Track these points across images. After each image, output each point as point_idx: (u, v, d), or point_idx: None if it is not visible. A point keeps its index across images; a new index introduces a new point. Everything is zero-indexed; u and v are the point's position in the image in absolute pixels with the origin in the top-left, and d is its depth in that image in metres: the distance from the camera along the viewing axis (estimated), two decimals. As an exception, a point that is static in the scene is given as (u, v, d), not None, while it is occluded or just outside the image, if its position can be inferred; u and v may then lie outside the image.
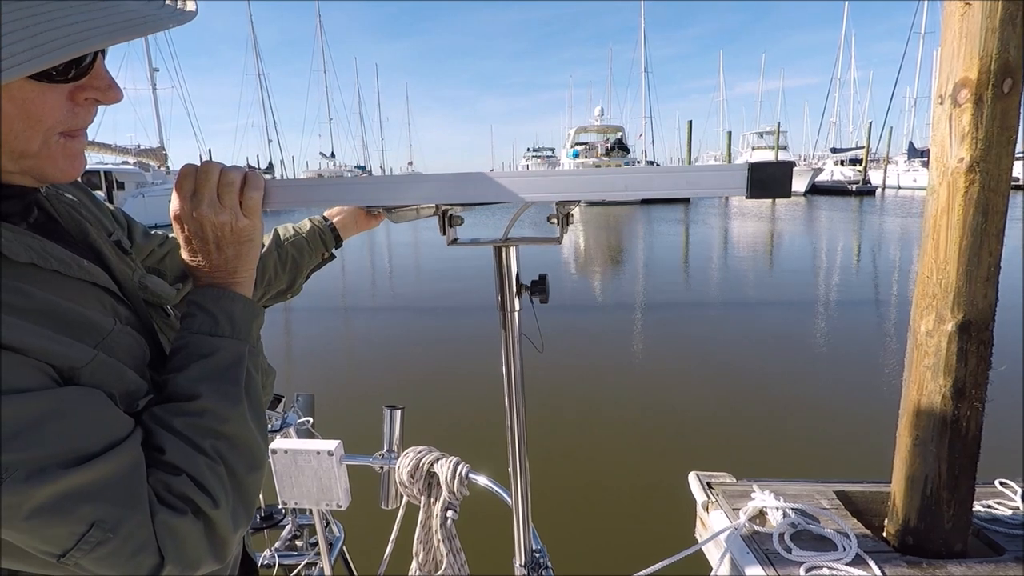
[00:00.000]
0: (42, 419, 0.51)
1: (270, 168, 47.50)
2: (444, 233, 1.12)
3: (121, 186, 23.76)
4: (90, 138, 0.77)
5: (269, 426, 1.79)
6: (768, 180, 0.71)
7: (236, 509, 0.63)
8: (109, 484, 0.53)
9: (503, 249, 1.15)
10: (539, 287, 1.20)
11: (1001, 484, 2.36)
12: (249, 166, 0.96)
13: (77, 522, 0.51)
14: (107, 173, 23.24)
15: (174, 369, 0.66)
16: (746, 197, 0.72)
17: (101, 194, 20.44)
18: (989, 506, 2.21)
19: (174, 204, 0.71)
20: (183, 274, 0.86)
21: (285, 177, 46.96)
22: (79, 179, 0.67)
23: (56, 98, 0.55)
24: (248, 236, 0.73)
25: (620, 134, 45.60)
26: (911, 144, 48.86)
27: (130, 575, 0.55)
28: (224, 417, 0.64)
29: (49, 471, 0.50)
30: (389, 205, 0.80)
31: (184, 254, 0.73)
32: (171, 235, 0.90)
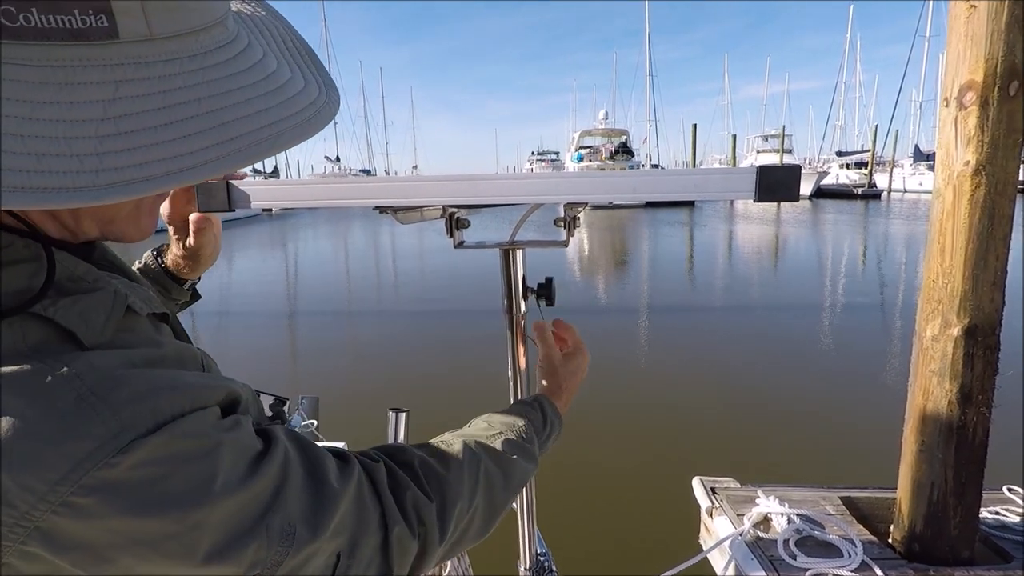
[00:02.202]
0: (288, 468, 0.50)
1: (275, 172, 47.70)
2: (451, 236, 1.11)
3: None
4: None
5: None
6: (776, 184, 0.70)
7: (444, 552, 0.65)
8: (347, 514, 0.54)
9: (509, 252, 1.15)
10: (545, 290, 1.20)
11: (1009, 490, 2.34)
12: (255, 170, 0.94)
13: (330, 557, 0.52)
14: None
15: (496, 423, 0.80)
16: (754, 201, 0.71)
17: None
18: (997, 513, 2.18)
19: (584, 353, 1.00)
20: None
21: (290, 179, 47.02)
22: None
23: None
24: None
25: (624, 138, 45.58)
26: (917, 147, 48.73)
27: None
28: (508, 488, 0.73)
29: (319, 518, 0.50)
30: (397, 206, 0.78)
31: (572, 388, 0.98)
32: None
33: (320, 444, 0.57)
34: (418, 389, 5.95)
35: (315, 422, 1.96)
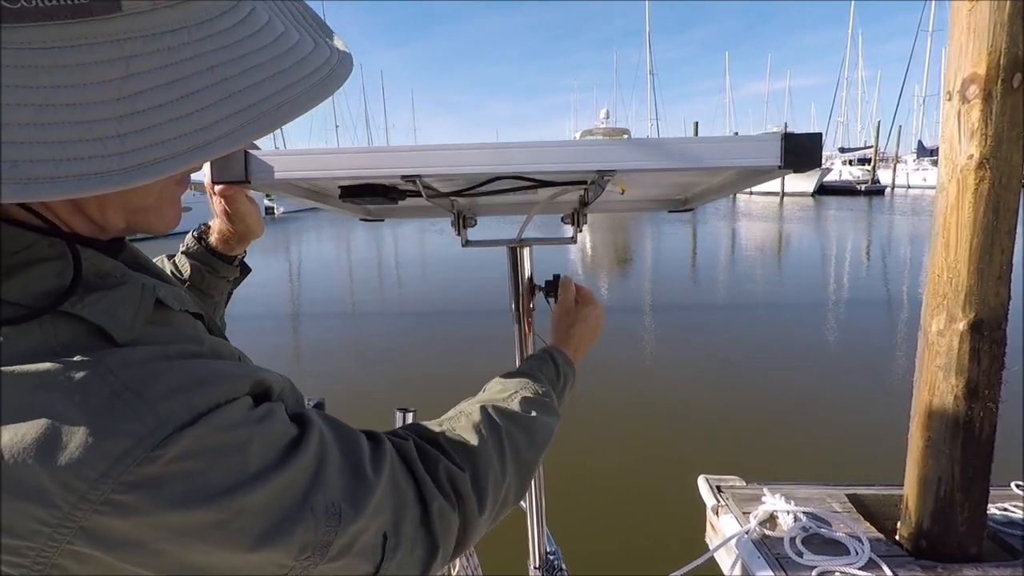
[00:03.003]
0: (325, 452, 0.50)
1: (278, 175, 47.67)
2: (459, 234, 1.11)
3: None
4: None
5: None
6: (801, 150, 0.70)
7: (485, 522, 0.66)
8: (386, 491, 0.54)
9: (517, 250, 1.15)
10: (553, 287, 1.20)
11: (1017, 486, 2.32)
12: None
13: (377, 535, 0.53)
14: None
15: (511, 384, 0.79)
16: (779, 168, 0.71)
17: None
18: (1005, 509, 2.17)
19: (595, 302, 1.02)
20: None
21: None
22: None
23: None
24: None
25: (626, 136, 45.61)
26: (920, 143, 48.56)
27: (417, 567, 0.57)
28: (533, 445, 0.73)
29: (359, 497, 0.51)
30: (427, 174, 0.75)
31: (587, 341, 1.00)
32: None
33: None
34: (424, 389, 5.95)
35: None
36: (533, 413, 0.76)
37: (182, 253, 0.93)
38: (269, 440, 0.47)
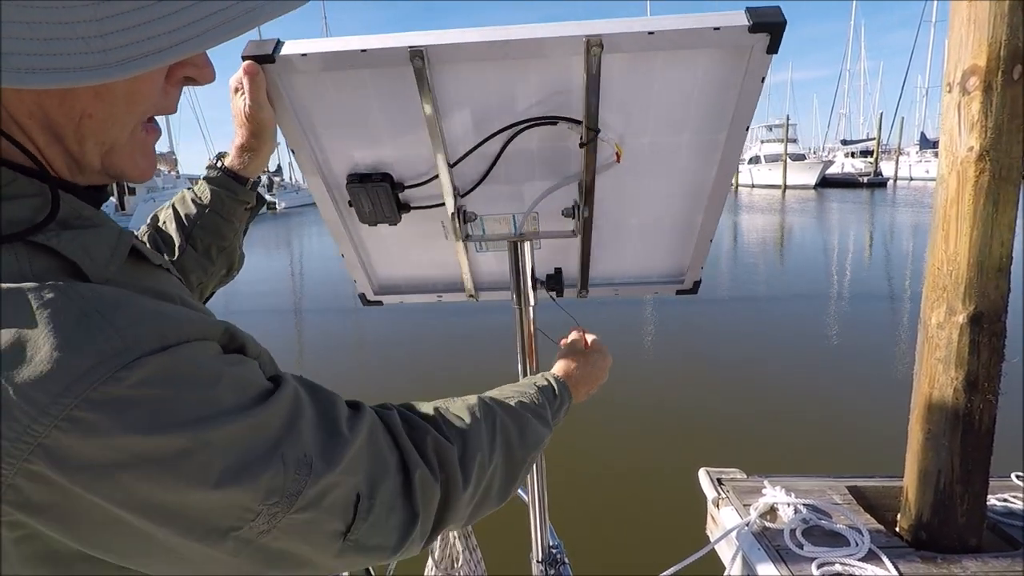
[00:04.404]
0: (300, 406, 0.51)
1: (279, 171, 47.77)
2: (459, 228, 1.11)
3: (132, 191, 23.99)
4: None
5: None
6: (764, 13, 0.84)
7: (465, 509, 0.66)
8: (361, 450, 0.55)
9: (517, 245, 1.15)
10: (555, 281, 1.20)
11: (1017, 477, 2.32)
12: None
13: (349, 494, 0.52)
14: (118, 178, 23.43)
15: (519, 390, 0.82)
16: (749, 30, 0.83)
17: (112, 199, 20.67)
18: (1004, 500, 2.17)
19: (604, 354, 1.07)
20: None
21: (294, 181, 47.11)
22: None
23: (157, 74, 0.51)
24: None
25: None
26: (923, 134, 48.36)
27: (393, 535, 0.57)
28: (525, 444, 0.74)
29: (332, 451, 0.51)
30: (430, 43, 0.87)
31: (590, 385, 1.03)
32: None
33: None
34: (428, 384, 5.96)
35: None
36: (528, 415, 0.78)
37: (203, 179, 0.97)
38: (241, 382, 0.47)
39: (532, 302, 1.18)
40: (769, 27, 0.83)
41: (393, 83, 0.92)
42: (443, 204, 1.09)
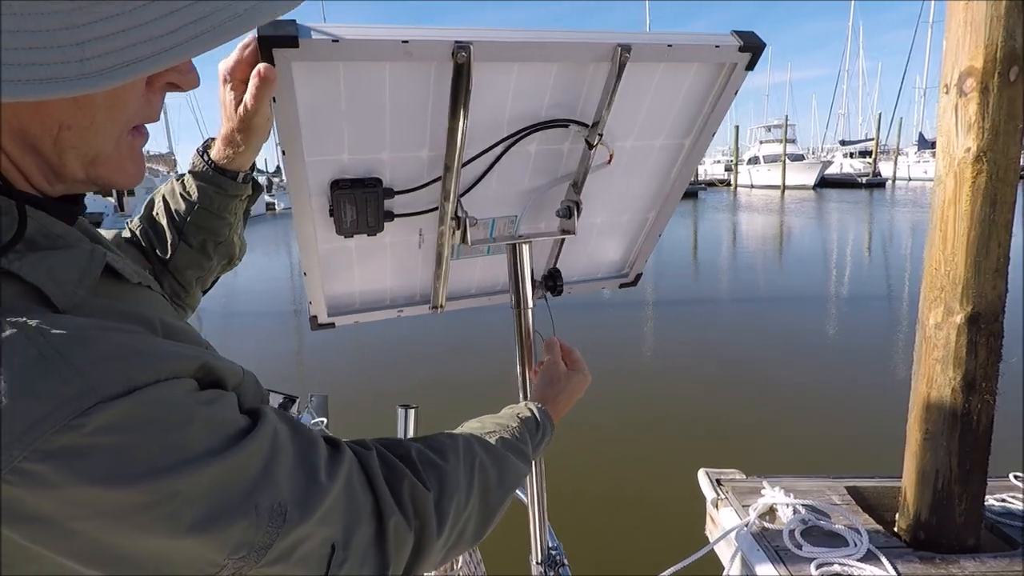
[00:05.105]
0: (277, 449, 0.47)
1: (278, 171, 47.76)
2: (459, 231, 1.10)
3: (132, 192, 23.98)
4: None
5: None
6: (748, 35, 0.97)
7: (442, 552, 0.64)
8: (339, 499, 0.52)
9: (516, 247, 1.15)
10: (551, 281, 1.21)
11: (1015, 478, 2.33)
12: (257, 170, 0.95)
13: (323, 546, 0.50)
14: (117, 179, 23.42)
15: (491, 423, 0.81)
16: (739, 50, 0.96)
17: (112, 200, 20.66)
18: (1003, 500, 2.18)
19: (585, 374, 1.03)
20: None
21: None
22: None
23: (139, 82, 0.48)
24: None
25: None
26: (921, 135, 48.41)
27: None
28: (502, 486, 0.72)
29: (309, 501, 0.48)
30: (476, 39, 0.84)
31: (564, 404, 0.97)
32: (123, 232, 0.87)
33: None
34: (427, 385, 5.97)
35: (325, 420, 1.98)
36: (507, 453, 0.76)
37: (189, 172, 0.88)
38: (214, 424, 0.44)
39: (531, 304, 1.18)
40: (753, 48, 0.98)
41: (412, 79, 0.87)
42: (428, 211, 1.07)
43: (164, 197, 0.89)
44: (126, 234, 0.89)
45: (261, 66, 0.74)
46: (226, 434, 0.44)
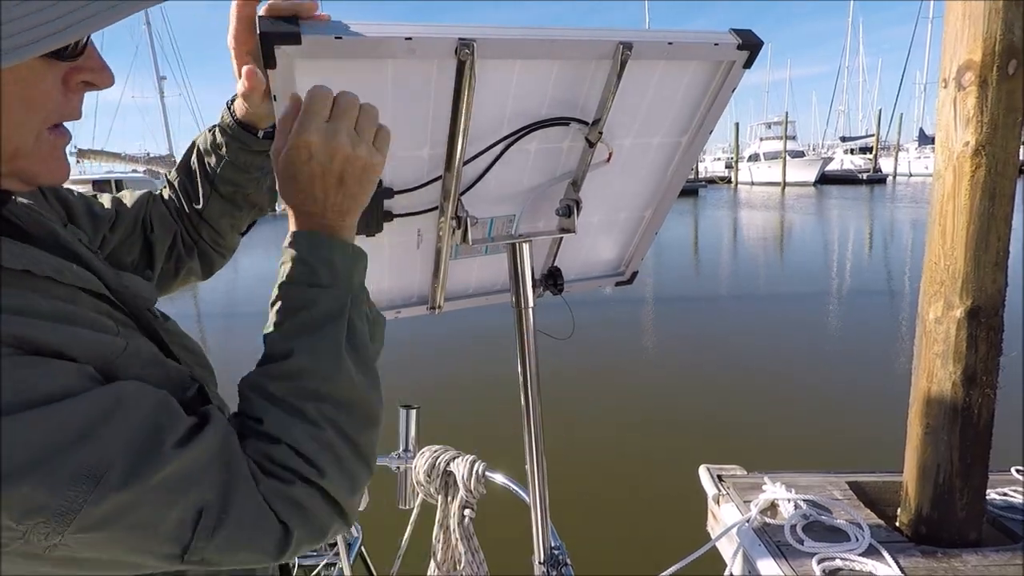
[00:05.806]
0: (108, 417, 0.47)
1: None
2: (459, 230, 1.10)
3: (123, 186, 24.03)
4: (99, 147, 0.74)
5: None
6: (745, 33, 0.96)
7: (353, 471, 0.60)
8: (203, 467, 0.50)
9: (516, 246, 1.15)
10: (552, 279, 1.21)
11: (1017, 471, 2.33)
12: None
13: (185, 510, 0.49)
14: (117, 182, 23.51)
15: (269, 326, 0.64)
16: (738, 48, 0.95)
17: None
18: (1005, 494, 2.18)
19: (296, 132, 0.63)
20: (140, 262, 0.89)
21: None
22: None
23: (52, 81, 0.50)
24: (376, 175, 0.69)
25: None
26: (922, 131, 48.33)
27: (260, 551, 0.53)
28: (325, 376, 0.60)
29: (140, 468, 0.47)
30: (479, 36, 0.83)
31: (287, 192, 0.66)
32: (112, 207, 0.88)
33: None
34: (427, 386, 5.97)
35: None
36: (296, 347, 0.61)
37: (216, 126, 0.90)
38: (23, 383, 0.43)
39: (532, 303, 1.18)
40: (752, 46, 0.97)
41: (414, 77, 0.87)
42: (427, 211, 1.07)
43: (198, 148, 0.93)
44: (165, 188, 0.97)
45: (246, 70, 0.78)
46: (38, 393, 0.44)
